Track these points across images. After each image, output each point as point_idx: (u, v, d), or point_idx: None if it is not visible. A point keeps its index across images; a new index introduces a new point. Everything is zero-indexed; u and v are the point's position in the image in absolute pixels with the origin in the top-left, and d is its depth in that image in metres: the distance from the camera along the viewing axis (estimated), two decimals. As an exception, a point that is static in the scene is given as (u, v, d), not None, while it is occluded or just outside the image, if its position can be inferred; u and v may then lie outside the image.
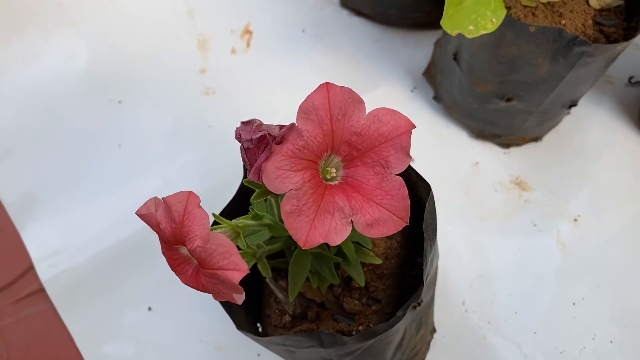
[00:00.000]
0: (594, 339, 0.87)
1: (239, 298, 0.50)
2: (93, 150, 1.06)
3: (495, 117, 0.95)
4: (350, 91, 0.51)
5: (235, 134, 0.53)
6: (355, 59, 1.11)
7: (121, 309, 0.93)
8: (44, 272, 0.95)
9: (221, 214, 0.70)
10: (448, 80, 0.97)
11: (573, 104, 0.91)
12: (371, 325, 0.67)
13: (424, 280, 0.62)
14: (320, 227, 0.50)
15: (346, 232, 0.50)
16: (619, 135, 1.04)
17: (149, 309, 0.93)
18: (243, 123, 0.52)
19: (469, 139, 1.02)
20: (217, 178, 1.01)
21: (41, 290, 0.94)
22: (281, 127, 0.52)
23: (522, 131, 0.97)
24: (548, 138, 1.02)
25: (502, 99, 0.90)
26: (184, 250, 0.51)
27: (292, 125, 0.51)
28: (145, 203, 0.53)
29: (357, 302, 0.67)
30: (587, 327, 0.88)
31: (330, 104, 0.50)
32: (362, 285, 0.63)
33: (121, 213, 0.99)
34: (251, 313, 0.73)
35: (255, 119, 0.52)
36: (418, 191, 0.67)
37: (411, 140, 0.51)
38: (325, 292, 0.68)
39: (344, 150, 0.52)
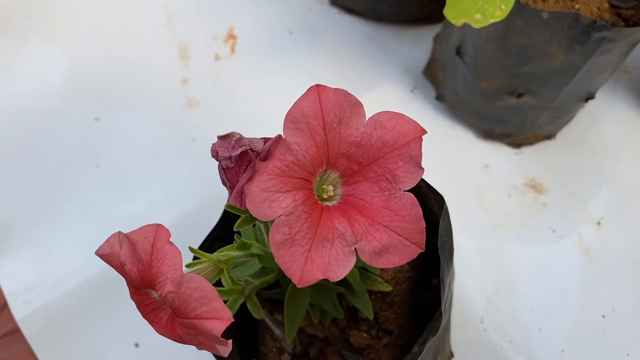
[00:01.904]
0: (628, 354, 0.79)
1: (224, 350, 0.42)
2: (69, 173, 0.98)
3: (505, 115, 0.87)
4: (345, 93, 0.43)
5: (212, 152, 0.44)
6: (348, 60, 1.03)
7: (105, 346, 0.85)
8: (19, 310, 0.86)
9: (207, 239, 0.61)
10: (451, 77, 0.89)
11: (590, 96, 0.83)
12: (383, 360, 0.59)
13: (442, 309, 0.53)
14: (319, 260, 0.41)
15: (349, 264, 0.42)
16: (637, 128, 0.96)
17: (136, 345, 0.84)
18: (220, 138, 0.44)
19: (476, 140, 0.94)
20: (205, 195, 0.93)
21: (16, 330, 0.86)
22: (266, 140, 0.43)
23: (534, 129, 0.89)
24: (562, 135, 0.95)
25: (512, 94, 0.82)
26: (155, 294, 0.43)
27: (279, 137, 0.42)
28: (108, 239, 0.45)
29: (365, 335, 0.59)
30: (620, 342, 0.80)
31: (323, 109, 0.42)
32: (371, 318, 0.55)
33: (102, 241, 0.89)
34: (245, 350, 0.65)
35: (234, 133, 0.44)
36: (429, 203, 0.59)
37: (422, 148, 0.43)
38: (328, 326, 0.59)
39: (342, 164, 0.44)
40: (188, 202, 0.93)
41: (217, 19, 1.09)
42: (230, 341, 0.43)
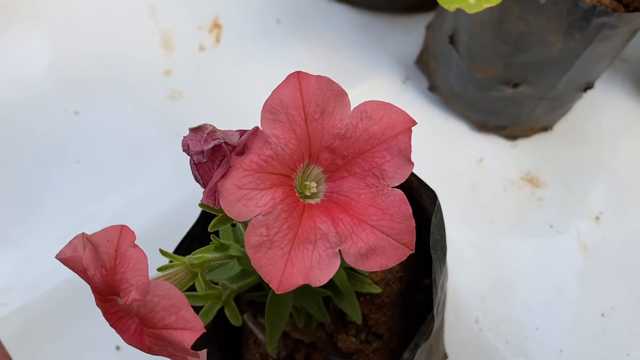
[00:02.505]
0: (628, 354, 0.76)
1: (197, 362, 0.38)
2: (48, 169, 0.94)
3: (500, 106, 0.83)
4: (328, 81, 0.39)
5: (183, 145, 0.41)
6: (338, 49, 0.99)
7: (85, 350, 0.81)
8: (-6, 312, 0.82)
9: (184, 240, 0.58)
10: (444, 67, 0.86)
11: (589, 86, 0.80)
12: (373, 366, 0.56)
13: (435, 311, 0.50)
14: (299, 263, 0.38)
15: (333, 267, 0.38)
16: (636, 119, 0.93)
17: (117, 348, 0.81)
18: (191, 130, 0.40)
19: (471, 133, 0.91)
20: (189, 192, 0.88)
21: (-9, 333, 0.82)
22: (242, 133, 0.40)
23: (530, 120, 0.86)
24: (559, 127, 0.91)
25: (508, 84, 0.79)
26: (122, 301, 0.39)
27: (256, 129, 0.39)
28: (71, 241, 0.41)
29: (354, 339, 0.56)
30: (620, 342, 0.77)
31: (304, 99, 0.39)
32: (359, 322, 0.51)
33: (81, 239, 0.87)
34: (228, 356, 0.61)
35: (206, 125, 0.40)
36: (420, 199, 0.56)
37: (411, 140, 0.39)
38: (314, 330, 0.56)
39: (326, 158, 0.41)
40: (171, 199, 0.89)
41: (201, 8, 1.05)
42: (204, 351, 0.40)
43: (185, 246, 0.57)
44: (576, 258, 0.82)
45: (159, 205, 0.88)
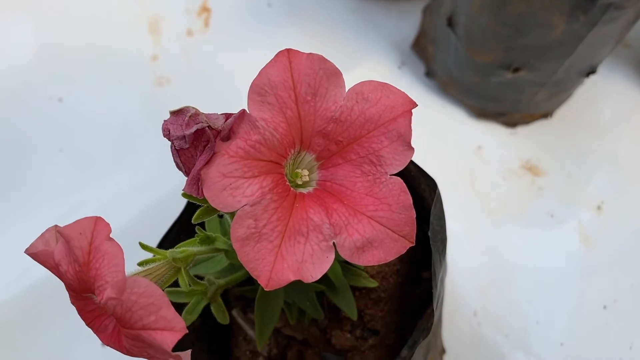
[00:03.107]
0: (631, 348, 0.74)
1: (179, 366, 0.35)
2: (30, 158, 0.90)
3: (500, 91, 0.81)
4: (321, 59, 0.36)
5: (163, 130, 0.38)
6: (331, 34, 0.95)
7: (69, 345, 0.78)
8: (-26, 308, 0.79)
9: (170, 231, 0.55)
10: (442, 51, 0.83)
11: (591, 70, 0.77)
12: (369, 363, 0.53)
13: (434, 306, 0.47)
14: (290, 257, 0.35)
15: (327, 262, 0.35)
16: (639, 105, 0.90)
17: (103, 344, 0.77)
18: (172, 113, 0.37)
19: (469, 120, 0.88)
20: (178, 181, 0.85)
21: (-29, 330, 0.79)
22: (227, 116, 0.37)
23: (530, 107, 0.83)
24: (560, 114, 0.89)
25: (508, 69, 0.76)
26: (97, 300, 0.36)
27: (243, 112, 0.36)
28: (42, 235, 0.38)
29: (349, 335, 0.53)
30: (622, 334, 0.75)
31: (295, 79, 0.36)
32: (354, 318, 0.49)
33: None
34: (217, 353, 0.58)
35: (188, 107, 0.37)
36: (419, 188, 0.53)
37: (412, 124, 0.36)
38: (307, 326, 0.53)
39: (319, 144, 0.38)
40: (159, 189, 0.86)
41: (189, -9, 1.01)
42: (188, 352, 0.37)
43: (171, 239, 0.54)
44: (577, 249, 0.80)
45: (147, 195, 0.85)
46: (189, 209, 0.55)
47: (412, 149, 0.37)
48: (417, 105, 0.36)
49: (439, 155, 0.86)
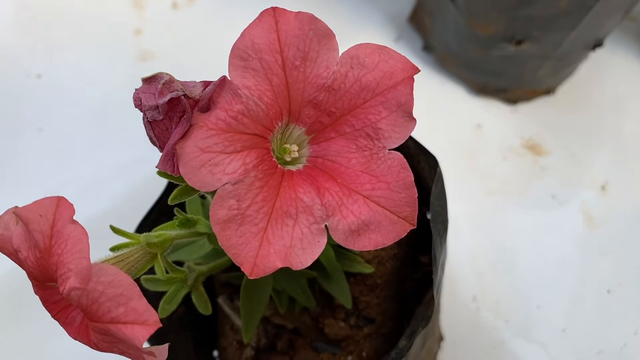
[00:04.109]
0: (636, 333, 0.72)
1: (154, 362, 0.32)
2: (7, 138, 0.87)
3: (502, 66, 0.77)
4: (311, 19, 0.32)
5: (134, 100, 0.34)
6: (322, 6, 0.91)
7: (44, 338, 0.74)
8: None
9: (149, 214, 0.51)
10: (440, 24, 0.79)
11: (598, 43, 0.74)
12: (364, 353, 0.50)
13: (434, 292, 0.44)
14: (277, 242, 0.31)
15: (318, 246, 0.32)
16: (645, 82, 0.86)
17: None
18: (144, 81, 0.33)
19: (468, 97, 0.84)
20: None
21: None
22: (206, 84, 0.33)
23: (533, 82, 0.80)
24: (562, 90, 0.85)
25: (510, 41, 0.72)
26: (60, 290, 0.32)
27: (223, 80, 0.32)
28: (1, 217, 0.34)
29: (343, 324, 0.50)
30: (627, 320, 0.72)
31: (282, 41, 0.32)
32: (349, 306, 0.45)
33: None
34: (203, 341, 0.55)
35: (161, 74, 0.33)
36: (418, 167, 0.49)
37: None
38: (298, 315, 0.49)
39: (309, 115, 0.34)
40: (143, 169, 0.81)
41: (174, -39, 0.96)
42: (165, 347, 0.33)
43: (151, 222, 0.50)
44: (580, 231, 0.77)
45: (131, 176, 0.81)
46: (170, 188, 0.52)
47: (414, 120, 0.33)
48: (419, 70, 0.33)
49: (436, 134, 0.83)
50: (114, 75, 0.89)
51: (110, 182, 0.81)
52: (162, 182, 0.66)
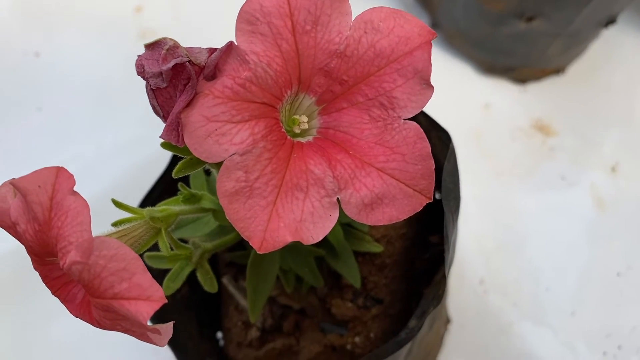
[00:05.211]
0: (646, 316, 0.70)
1: (159, 339, 0.30)
2: (6, 117, 0.86)
3: (511, 44, 0.75)
4: None
5: (137, 67, 0.32)
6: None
7: (51, 316, 0.73)
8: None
9: (151, 191, 0.49)
10: (449, 0, 0.76)
11: (610, 20, 0.72)
12: (371, 334, 0.48)
13: (446, 271, 0.42)
14: (287, 215, 0.30)
15: (330, 220, 0.30)
16: (657, 61, 0.84)
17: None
18: (147, 47, 0.32)
19: (476, 76, 0.83)
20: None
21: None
22: (212, 50, 0.31)
23: (542, 61, 0.78)
24: (572, 69, 0.83)
25: (520, 18, 0.71)
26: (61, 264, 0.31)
27: (230, 45, 0.30)
28: None
29: (350, 304, 0.49)
30: (636, 303, 0.72)
31: (291, 3, 0.30)
32: (358, 285, 0.44)
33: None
34: (207, 322, 0.54)
35: (165, 39, 0.31)
36: (429, 143, 0.47)
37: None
38: (305, 295, 0.48)
39: (320, 84, 0.32)
40: (144, 148, 0.80)
41: None
42: (170, 325, 0.32)
43: (153, 200, 0.48)
44: (590, 213, 0.76)
45: (131, 155, 0.80)
46: (173, 165, 0.50)
47: (432, 87, 0.31)
48: (436, 35, 0.31)
49: (443, 114, 0.80)
50: (114, 54, 0.87)
51: (111, 162, 0.79)
52: (163, 162, 0.65)
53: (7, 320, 0.73)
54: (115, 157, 0.80)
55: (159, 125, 0.75)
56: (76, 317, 0.33)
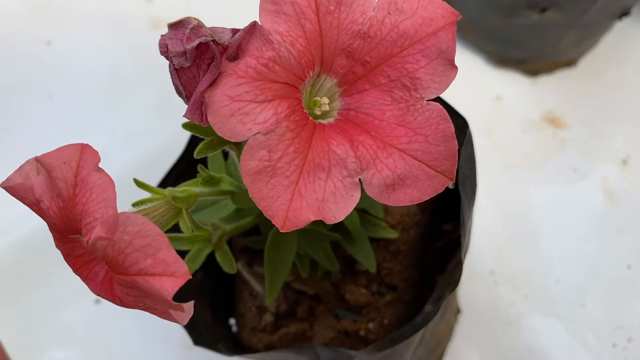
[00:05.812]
0: (656, 309, 0.70)
1: (182, 317, 0.31)
2: (17, 105, 0.85)
3: (523, 35, 0.75)
4: None
5: (160, 47, 0.32)
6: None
7: (61, 304, 0.74)
8: (-42, 264, 0.74)
9: (168, 175, 0.49)
10: (461, -9, 0.76)
11: (625, 12, 0.72)
12: (385, 321, 0.49)
13: (462, 257, 0.43)
14: (310, 195, 0.30)
15: (352, 201, 0.31)
16: (669, 55, 0.84)
17: (97, 301, 0.73)
18: (171, 26, 0.32)
19: (487, 68, 0.82)
20: (174, 129, 0.79)
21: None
22: (235, 31, 0.31)
23: (554, 53, 0.78)
24: (584, 62, 0.83)
25: (534, 9, 0.70)
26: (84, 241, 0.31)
27: (254, 25, 0.30)
28: (21, 167, 0.33)
29: (364, 290, 0.49)
30: (647, 295, 0.70)
31: None
32: (373, 270, 0.44)
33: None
34: (220, 309, 0.54)
35: (189, 18, 0.31)
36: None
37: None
38: (319, 280, 0.48)
39: (342, 65, 0.32)
40: (154, 137, 0.81)
41: None
42: (190, 304, 0.32)
43: (170, 183, 0.49)
44: (601, 205, 0.76)
45: (142, 145, 0.80)
46: (189, 150, 0.50)
47: (456, 68, 0.31)
48: (460, 16, 0.31)
49: (454, 106, 0.81)
50: (125, 43, 0.87)
51: (123, 151, 0.80)
52: (176, 150, 0.65)
53: (15, 309, 0.74)
54: (127, 145, 0.81)
55: (170, 115, 0.75)
56: (97, 294, 0.33)
